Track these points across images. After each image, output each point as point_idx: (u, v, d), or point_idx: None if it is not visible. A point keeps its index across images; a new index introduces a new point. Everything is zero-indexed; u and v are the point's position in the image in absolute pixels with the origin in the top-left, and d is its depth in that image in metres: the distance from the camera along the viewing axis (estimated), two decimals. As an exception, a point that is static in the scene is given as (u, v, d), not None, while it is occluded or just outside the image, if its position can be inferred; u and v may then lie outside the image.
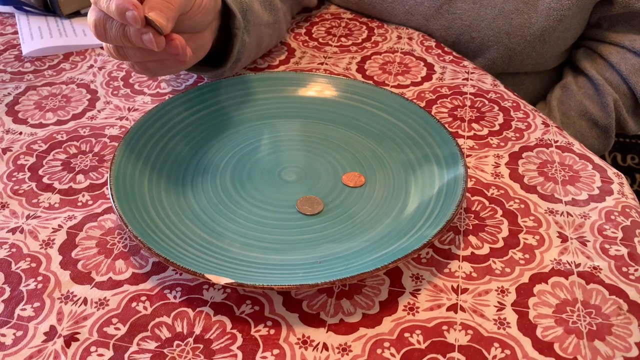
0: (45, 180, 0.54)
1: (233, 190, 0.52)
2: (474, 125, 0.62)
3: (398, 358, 0.40)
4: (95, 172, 0.55)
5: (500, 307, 0.43)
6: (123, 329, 0.41)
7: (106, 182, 0.54)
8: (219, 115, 0.60)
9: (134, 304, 0.43)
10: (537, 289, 0.45)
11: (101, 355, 0.40)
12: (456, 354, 0.40)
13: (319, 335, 0.41)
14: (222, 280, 0.40)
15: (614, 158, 1.51)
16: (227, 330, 0.42)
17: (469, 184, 0.54)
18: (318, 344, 0.41)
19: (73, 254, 0.47)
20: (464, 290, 0.44)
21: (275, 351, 0.40)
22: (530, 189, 0.54)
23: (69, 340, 0.41)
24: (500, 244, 0.48)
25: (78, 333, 0.41)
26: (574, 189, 0.54)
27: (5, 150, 0.57)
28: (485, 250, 0.48)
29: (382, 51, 0.74)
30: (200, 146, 0.56)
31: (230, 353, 0.40)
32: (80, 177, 0.54)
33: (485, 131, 0.61)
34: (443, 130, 0.54)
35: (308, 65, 0.71)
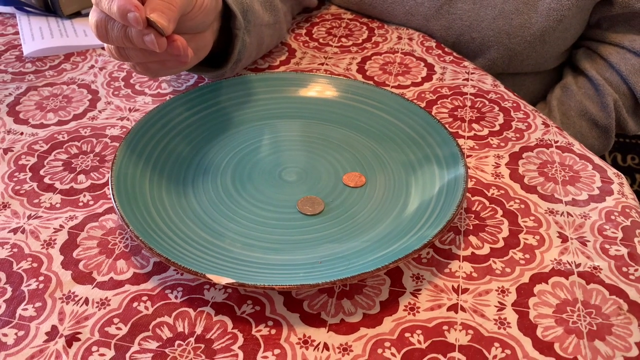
0: (46, 180, 0.54)
1: (234, 190, 0.52)
2: (474, 126, 0.62)
3: (399, 358, 0.40)
4: (96, 173, 0.55)
5: (501, 307, 0.43)
6: (124, 329, 0.41)
7: (107, 182, 0.54)
8: (219, 116, 0.60)
9: (135, 304, 0.43)
10: (538, 289, 0.45)
11: (103, 355, 0.40)
12: (456, 354, 0.40)
13: (319, 335, 0.41)
14: (223, 280, 0.41)
15: (614, 158, 1.51)
16: (228, 330, 0.42)
17: (470, 184, 0.54)
18: (319, 343, 0.41)
19: (74, 254, 0.47)
20: (465, 290, 0.45)
21: (276, 351, 0.40)
22: (531, 189, 0.54)
23: (71, 340, 0.41)
24: (500, 244, 0.48)
25: (79, 333, 0.41)
26: (574, 189, 0.54)
27: (6, 151, 0.57)
28: (485, 250, 0.48)
29: (383, 51, 0.75)
30: (201, 146, 0.57)
31: (231, 353, 0.40)
32: (81, 177, 0.54)
33: (485, 131, 0.61)
34: (443, 131, 0.54)
35: (308, 66, 0.71)
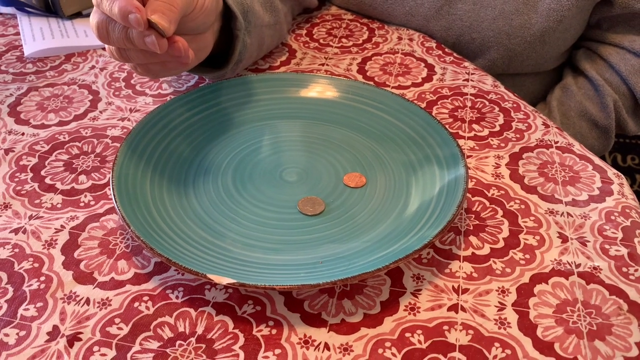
0: (47, 180, 0.54)
1: (234, 190, 0.52)
2: (475, 126, 0.62)
3: (399, 358, 0.40)
4: (97, 173, 0.55)
5: (501, 307, 0.43)
6: (125, 329, 0.41)
7: (108, 182, 0.54)
8: (220, 116, 0.60)
9: (136, 304, 0.43)
10: (538, 289, 0.45)
11: (104, 355, 0.40)
12: (457, 354, 0.40)
13: (320, 335, 0.42)
14: (224, 281, 0.41)
15: (614, 159, 1.51)
16: (229, 330, 0.42)
17: (470, 185, 0.54)
18: (319, 343, 0.41)
19: (75, 254, 0.47)
20: (465, 291, 0.45)
21: (277, 351, 0.40)
22: (531, 189, 0.54)
23: (72, 340, 0.41)
24: (500, 244, 0.49)
25: (81, 333, 0.41)
26: (574, 189, 0.54)
27: (7, 151, 0.57)
28: (485, 250, 0.48)
29: (383, 52, 0.75)
30: (201, 147, 0.57)
31: (232, 353, 0.40)
32: (82, 178, 0.54)
33: (485, 132, 0.61)
34: (444, 131, 0.55)
35: (309, 66, 0.71)
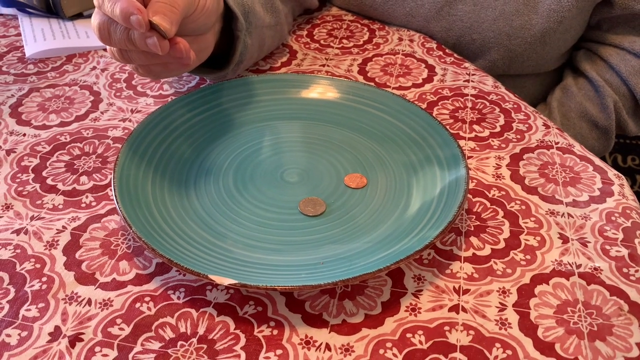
0: (49, 181, 0.54)
1: (236, 191, 0.52)
2: (475, 127, 0.62)
3: (400, 358, 0.40)
4: (98, 174, 0.55)
5: (502, 307, 0.43)
6: (127, 330, 0.42)
7: (110, 183, 0.54)
8: (221, 117, 0.60)
9: (137, 305, 0.43)
10: (538, 289, 0.45)
11: (106, 355, 0.40)
12: (458, 354, 0.40)
13: (321, 335, 0.42)
14: (226, 281, 0.41)
15: (615, 159, 1.51)
16: (230, 331, 0.42)
17: (471, 185, 0.54)
18: (321, 344, 0.41)
19: (77, 255, 0.47)
20: (466, 291, 0.45)
21: (279, 351, 0.40)
22: (531, 190, 0.54)
23: (74, 340, 0.41)
24: (501, 245, 0.49)
25: (82, 333, 0.41)
26: (575, 190, 0.54)
27: (9, 152, 0.57)
28: (486, 251, 0.48)
29: (384, 53, 0.75)
30: (203, 148, 0.57)
31: (233, 353, 0.40)
32: (83, 179, 0.54)
33: (486, 133, 0.61)
34: (444, 132, 0.55)
35: (310, 67, 0.71)
